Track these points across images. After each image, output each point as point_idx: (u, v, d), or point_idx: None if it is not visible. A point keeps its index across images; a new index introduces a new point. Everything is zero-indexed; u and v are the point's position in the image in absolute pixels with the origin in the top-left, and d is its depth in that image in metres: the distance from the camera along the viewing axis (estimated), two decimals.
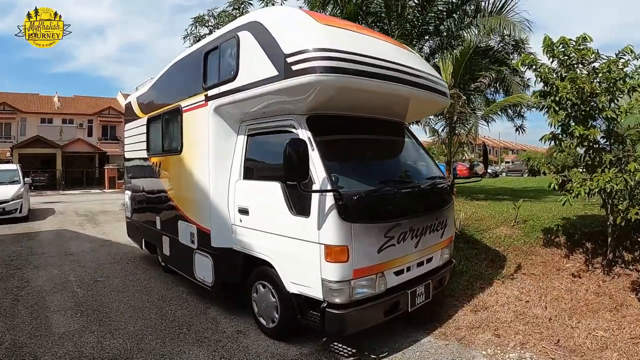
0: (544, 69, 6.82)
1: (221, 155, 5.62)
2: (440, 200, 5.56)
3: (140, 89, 9.09)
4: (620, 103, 6.49)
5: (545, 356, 4.62)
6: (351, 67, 4.32)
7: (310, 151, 4.24)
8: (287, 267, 4.71)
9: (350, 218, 4.20)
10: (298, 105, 4.70)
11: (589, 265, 7.11)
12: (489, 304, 6.04)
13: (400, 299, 4.69)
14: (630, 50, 6.47)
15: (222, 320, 5.76)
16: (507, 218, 9.70)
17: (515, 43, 16.29)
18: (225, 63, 5.51)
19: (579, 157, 7.02)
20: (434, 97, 5.66)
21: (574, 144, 6.56)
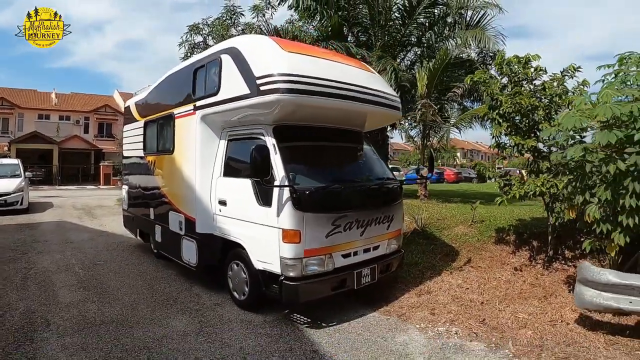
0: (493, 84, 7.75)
1: (206, 156, 6.70)
2: (387, 198, 6.64)
3: (139, 95, 10.20)
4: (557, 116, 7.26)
5: (469, 331, 5.55)
6: (308, 89, 5.44)
7: (273, 154, 5.43)
8: (254, 248, 5.81)
9: (303, 208, 5.31)
10: (266, 117, 5.81)
11: (532, 261, 7.97)
12: (433, 290, 7.04)
13: (347, 277, 5.77)
14: (573, 68, 7.34)
15: (203, 295, 6.83)
16: (467, 218, 10.54)
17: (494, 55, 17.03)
18: (210, 79, 6.59)
19: (526, 164, 7.96)
20: (386, 111, 6.77)
21: (513, 152, 7.52)
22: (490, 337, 5.35)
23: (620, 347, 5.01)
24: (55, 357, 4.68)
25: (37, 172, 35.61)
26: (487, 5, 14.86)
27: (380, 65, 13.24)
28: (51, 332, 5.37)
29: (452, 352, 4.98)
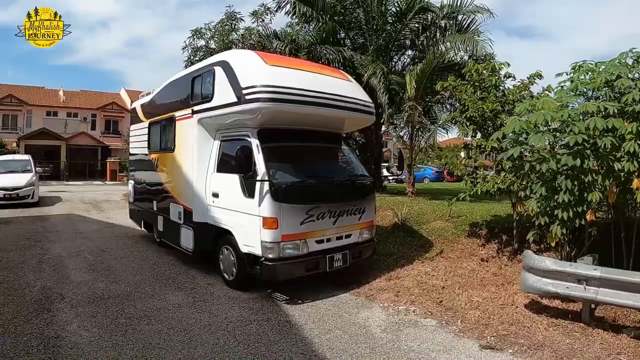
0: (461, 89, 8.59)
1: (202, 154, 7.64)
2: (358, 193, 7.55)
3: (144, 98, 11.21)
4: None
5: (425, 310, 6.32)
6: (286, 97, 6.41)
7: (256, 153, 6.39)
8: (241, 234, 6.74)
9: (280, 199, 6.27)
10: (252, 121, 6.75)
11: (499, 253, 8.63)
12: (402, 276, 7.80)
13: (320, 261, 6.70)
14: (539, 75, 8.15)
15: (198, 276, 7.80)
16: (445, 213, 11.12)
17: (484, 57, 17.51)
18: (205, 87, 7.54)
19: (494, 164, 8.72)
20: (361, 116, 7.74)
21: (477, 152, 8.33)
22: (443, 316, 6.10)
23: (559, 329, 5.63)
24: (69, 322, 5.61)
25: (45, 168, 36.21)
26: (478, 9, 15.38)
27: (372, 69, 13.91)
28: (65, 303, 6.31)
29: (406, 326, 5.77)
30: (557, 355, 4.93)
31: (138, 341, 5.09)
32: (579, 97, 6.63)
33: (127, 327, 5.51)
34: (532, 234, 6.74)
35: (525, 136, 6.53)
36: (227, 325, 5.59)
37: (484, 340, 5.35)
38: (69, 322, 5.61)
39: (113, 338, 5.16)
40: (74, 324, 5.56)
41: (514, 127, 6.13)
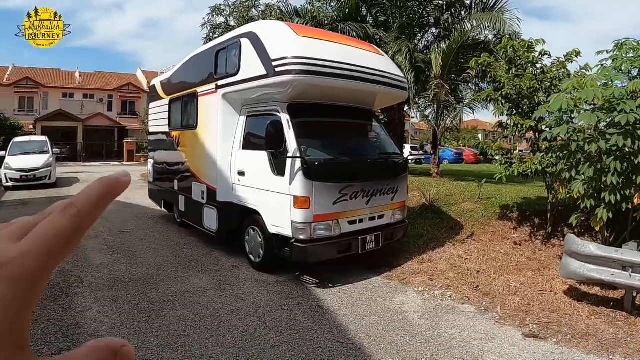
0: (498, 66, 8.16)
1: (226, 131, 7.30)
2: (392, 171, 7.19)
3: (164, 74, 10.83)
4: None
5: (462, 295, 6.08)
6: (319, 70, 6.02)
7: (287, 129, 6.03)
8: (269, 214, 6.43)
9: (312, 177, 5.93)
10: (281, 95, 6.39)
11: (532, 237, 8.34)
12: (434, 259, 7.53)
13: (352, 242, 6.38)
14: (575, 52, 7.72)
15: (222, 258, 7.51)
16: (474, 195, 10.90)
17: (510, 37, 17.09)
18: (231, 61, 7.18)
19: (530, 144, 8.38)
20: (393, 91, 7.31)
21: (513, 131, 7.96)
22: (481, 302, 5.84)
23: (602, 317, 5.39)
24: (88, 307, 5.36)
25: (62, 149, 36.07)
26: None
27: (396, 46, 13.58)
28: (84, 287, 6.06)
29: (444, 312, 5.51)
30: (602, 345, 4.73)
31: (162, 328, 4.82)
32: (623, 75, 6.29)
33: (150, 312, 5.24)
34: (576, 218, 6.39)
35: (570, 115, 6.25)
36: (257, 311, 5.32)
37: (526, 329, 5.11)
38: (89, 308, 5.35)
39: (136, 325, 4.90)
40: (93, 310, 5.30)
41: (561, 105, 5.75)
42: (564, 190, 6.85)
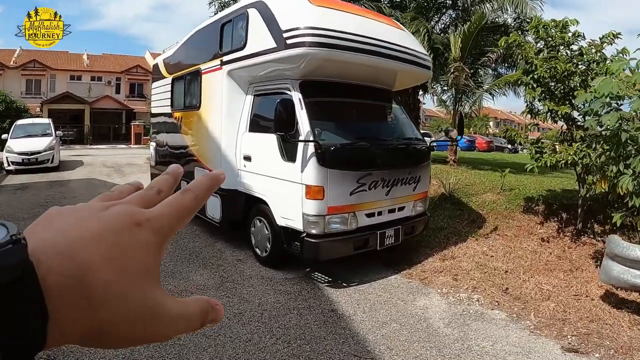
0: (528, 48, 7.47)
1: (232, 111, 6.64)
2: (414, 159, 6.49)
3: (167, 52, 10.16)
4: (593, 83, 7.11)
5: (491, 299, 5.46)
6: (335, 43, 5.30)
7: (298, 109, 5.34)
8: (277, 204, 5.77)
9: (327, 164, 5.24)
10: (293, 72, 5.70)
11: (560, 233, 7.73)
12: (457, 255, 6.91)
13: (370, 237, 5.69)
14: (613, 35, 6.99)
15: (225, 250, 6.88)
16: (496, 185, 10.35)
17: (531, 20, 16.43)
18: (237, 34, 6.49)
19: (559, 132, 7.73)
20: (416, 69, 6.57)
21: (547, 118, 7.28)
22: (512, 307, 5.25)
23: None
24: None
25: (68, 132, 35.77)
26: None
27: (414, 27, 12.90)
28: None
29: (472, 319, 4.91)
30: None
31: None
32: None
33: None
34: (620, 216, 5.68)
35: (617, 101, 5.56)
36: (262, 315, 4.69)
37: (564, 340, 4.53)
38: None
39: None
40: None
41: (610, 89, 5.05)
42: (605, 185, 6.19)
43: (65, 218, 0.44)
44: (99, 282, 0.39)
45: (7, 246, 0.35)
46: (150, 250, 0.44)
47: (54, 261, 0.38)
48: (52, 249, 0.39)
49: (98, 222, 0.42)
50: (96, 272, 0.39)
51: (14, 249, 0.35)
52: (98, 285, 0.38)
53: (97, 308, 0.38)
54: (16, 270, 0.35)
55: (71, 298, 0.37)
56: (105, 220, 0.43)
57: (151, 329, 0.43)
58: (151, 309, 0.42)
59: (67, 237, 0.40)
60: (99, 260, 0.39)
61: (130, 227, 0.43)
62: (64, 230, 0.41)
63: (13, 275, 0.34)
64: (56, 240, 0.40)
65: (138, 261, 0.42)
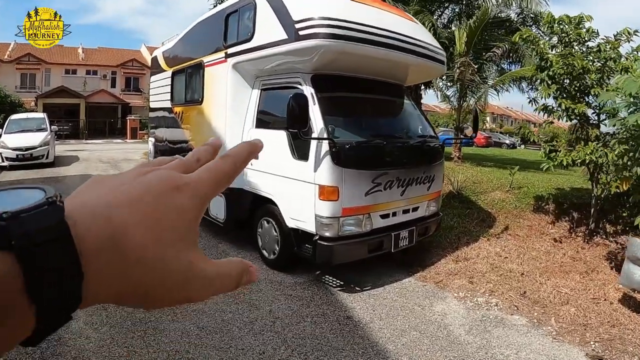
0: (542, 44, 7.23)
1: (237, 106, 6.33)
2: (429, 157, 6.22)
3: (166, 44, 9.84)
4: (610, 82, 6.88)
5: (509, 303, 5.22)
6: (351, 34, 5.00)
7: (311, 105, 5.02)
8: (287, 205, 5.48)
9: (342, 163, 4.94)
10: (304, 65, 5.40)
11: (572, 233, 7.56)
12: (470, 257, 6.67)
13: (385, 239, 5.42)
14: (628, 32, 6.81)
15: (230, 252, 6.61)
16: (503, 183, 10.13)
17: (535, 16, 16.35)
18: (244, 25, 6.17)
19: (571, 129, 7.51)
20: (430, 64, 6.27)
21: (562, 116, 7.04)
22: (532, 312, 5.04)
23: None
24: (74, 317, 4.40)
25: (64, 127, 35.33)
26: None
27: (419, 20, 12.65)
28: None
29: (492, 325, 4.68)
30: None
31: (160, 347, 3.92)
32: None
33: (146, 325, 4.32)
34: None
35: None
36: (274, 323, 4.41)
37: (588, 347, 4.33)
38: (75, 317, 4.40)
39: (128, 341, 3.99)
40: (79, 321, 4.36)
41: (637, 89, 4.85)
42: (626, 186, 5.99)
43: (106, 183, 0.44)
44: (135, 244, 0.39)
45: (43, 207, 0.36)
46: (189, 214, 0.44)
47: (91, 223, 0.38)
48: (89, 211, 0.39)
49: (137, 185, 0.43)
50: (132, 234, 0.39)
51: (49, 210, 0.36)
52: (134, 247, 0.39)
53: (132, 270, 0.39)
54: (52, 230, 0.35)
55: (107, 259, 0.37)
56: (144, 184, 0.43)
57: (187, 290, 0.43)
58: (187, 271, 0.42)
59: (105, 200, 0.41)
60: (136, 223, 0.40)
61: (168, 190, 0.43)
62: (103, 194, 0.41)
63: (49, 235, 0.35)
64: (94, 202, 0.40)
65: (175, 224, 0.42)
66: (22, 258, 0.33)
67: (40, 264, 0.34)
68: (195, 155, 0.52)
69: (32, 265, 0.34)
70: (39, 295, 0.34)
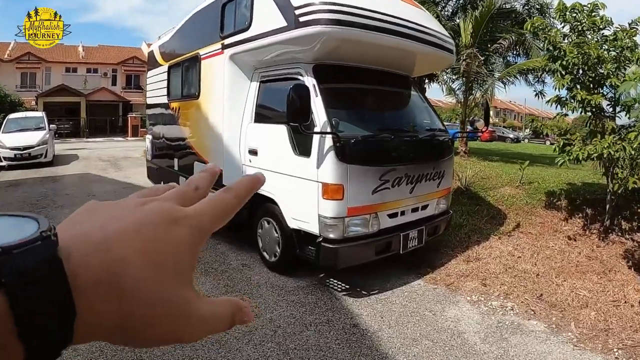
0: (554, 32, 6.92)
1: (235, 100, 5.99)
2: (439, 152, 5.87)
3: (162, 38, 9.49)
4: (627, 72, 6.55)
5: (526, 307, 4.91)
6: (355, 20, 4.63)
7: (313, 97, 4.66)
8: (289, 204, 5.15)
9: (347, 159, 4.59)
10: (305, 54, 5.05)
11: (586, 230, 7.28)
12: (482, 256, 6.35)
13: (393, 240, 5.08)
14: None
15: (230, 254, 6.24)
16: (513, 179, 9.84)
17: (541, 6, 16.03)
18: (240, 13, 5.83)
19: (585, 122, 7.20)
20: (439, 53, 5.91)
21: (577, 108, 6.72)
22: (550, 316, 4.74)
23: None
24: None
25: (64, 125, 35.44)
26: None
27: None
28: None
29: (509, 332, 4.37)
30: None
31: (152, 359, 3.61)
32: None
33: None
34: None
35: None
36: (275, 333, 4.09)
37: (611, 355, 4.06)
38: None
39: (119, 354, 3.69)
40: None
41: None
42: None
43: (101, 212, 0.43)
44: (132, 278, 0.38)
45: (36, 243, 0.35)
46: (186, 248, 0.42)
47: (86, 256, 0.37)
48: (85, 243, 0.38)
49: (135, 217, 0.42)
50: (130, 267, 0.38)
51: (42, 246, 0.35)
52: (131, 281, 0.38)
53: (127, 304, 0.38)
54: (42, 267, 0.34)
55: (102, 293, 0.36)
56: (142, 216, 0.42)
57: (181, 329, 0.41)
58: (182, 309, 0.41)
59: (102, 231, 0.40)
60: (134, 256, 0.39)
61: (167, 223, 0.42)
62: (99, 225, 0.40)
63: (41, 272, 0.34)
64: (91, 233, 0.39)
65: (173, 259, 0.41)
66: (12, 297, 0.32)
67: (31, 303, 0.32)
68: (193, 184, 0.49)
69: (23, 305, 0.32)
70: (28, 336, 0.32)
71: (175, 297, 0.40)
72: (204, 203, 0.45)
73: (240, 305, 0.47)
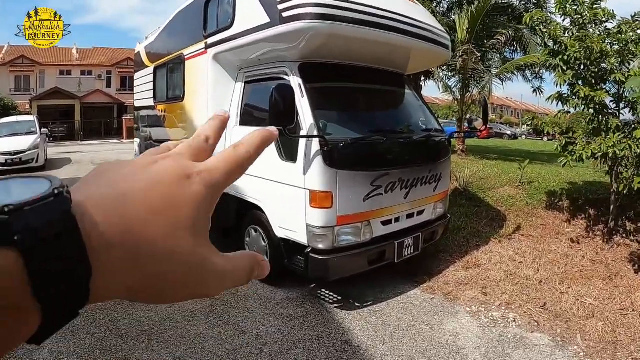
0: (555, 26, 6.66)
1: (219, 102, 5.68)
2: (435, 154, 5.56)
3: (149, 38, 9.20)
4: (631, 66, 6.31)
5: (529, 318, 4.65)
6: (343, 15, 4.33)
7: (299, 98, 4.37)
8: (275, 212, 4.85)
9: (336, 164, 4.28)
10: (291, 52, 4.76)
11: (589, 232, 7.04)
12: (482, 262, 6.08)
13: (387, 249, 4.79)
14: None
15: None
16: (512, 178, 9.61)
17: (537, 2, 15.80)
18: (223, 11, 5.56)
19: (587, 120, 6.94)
20: (434, 48, 5.62)
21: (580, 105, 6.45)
22: (554, 328, 4.47)
23: None
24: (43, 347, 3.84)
25: (59, 128, 35.17)
26: None
27: None
28: None
29: (512, 347, 4.10)
30: None
31: None
32: None
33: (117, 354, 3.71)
34: None
35: None
36: (261, 351, 3.81)
37: None
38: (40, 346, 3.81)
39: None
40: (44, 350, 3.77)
41: None
42: None
43: (113, 172, 0.42)
44: (148, 236, 0.37)
45: (49, 199, 0.34)
46: (201, 204, 0.41)
47: (100, 215, 0.36)
48: (99, 203, 0.37)
49: (147, 175, 0.41)
50: (143, 226, 0.38)
51: (55, 203, 0.34)
52: (146, 240, 0.37)
53: (144, 263, 0.37)
54: (58, 225, 0.33)
55: (117, 253, 0.36)
56: (154, 173, 0.41)
57: (198, 285, 0.42)
58: (198, 265, 0.41)
59: (114, 190, 0.39)
60: (147, 214, 0.38)
61: (180, 179, 0.41)
62: (111, 184, 0.40)
63: (54, 230, 0.32)
64: (103, 193, 0.38)
65: (187, 215, 0.40)
66: (26, 255, 0.31)
67: (45, 261, 0.31)
68: (203, 134, 0.48)
69: (37, 262, 0.31)
70: (44, 294, 0.32)
71: (193, 253, 0.39)
72: (216, 158, 0.45)
73: (258, 259, 0.49)
